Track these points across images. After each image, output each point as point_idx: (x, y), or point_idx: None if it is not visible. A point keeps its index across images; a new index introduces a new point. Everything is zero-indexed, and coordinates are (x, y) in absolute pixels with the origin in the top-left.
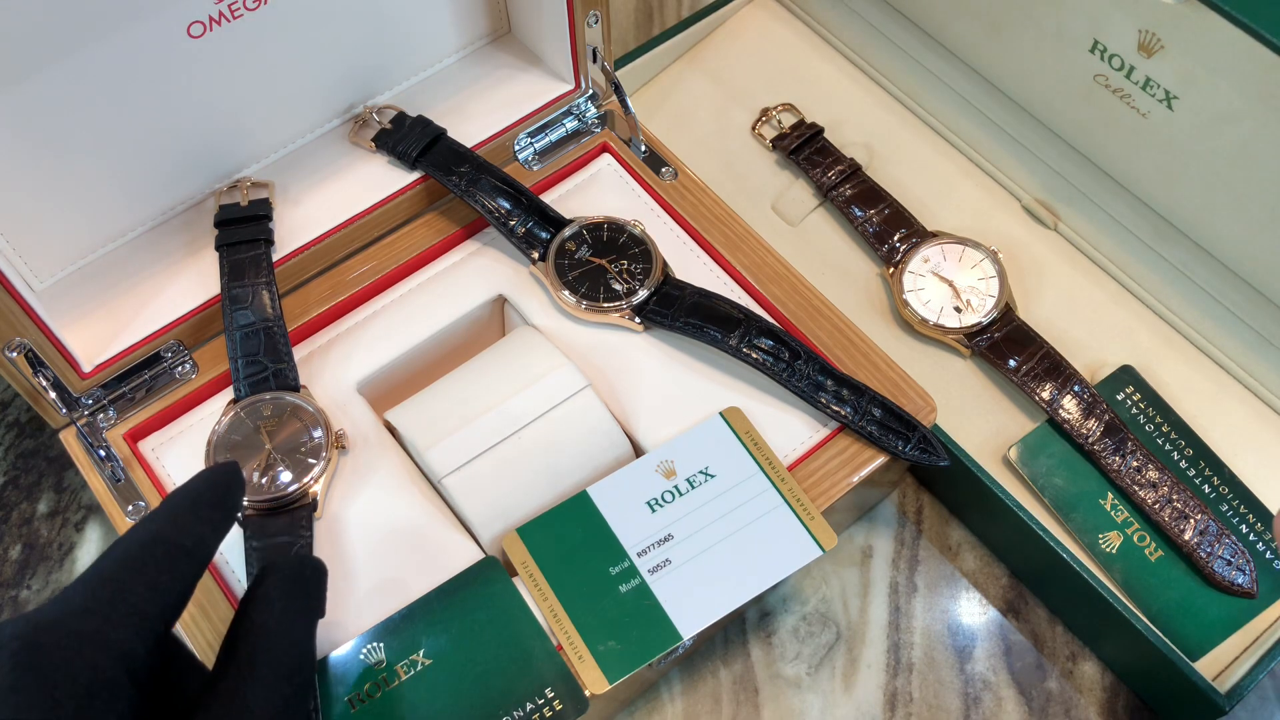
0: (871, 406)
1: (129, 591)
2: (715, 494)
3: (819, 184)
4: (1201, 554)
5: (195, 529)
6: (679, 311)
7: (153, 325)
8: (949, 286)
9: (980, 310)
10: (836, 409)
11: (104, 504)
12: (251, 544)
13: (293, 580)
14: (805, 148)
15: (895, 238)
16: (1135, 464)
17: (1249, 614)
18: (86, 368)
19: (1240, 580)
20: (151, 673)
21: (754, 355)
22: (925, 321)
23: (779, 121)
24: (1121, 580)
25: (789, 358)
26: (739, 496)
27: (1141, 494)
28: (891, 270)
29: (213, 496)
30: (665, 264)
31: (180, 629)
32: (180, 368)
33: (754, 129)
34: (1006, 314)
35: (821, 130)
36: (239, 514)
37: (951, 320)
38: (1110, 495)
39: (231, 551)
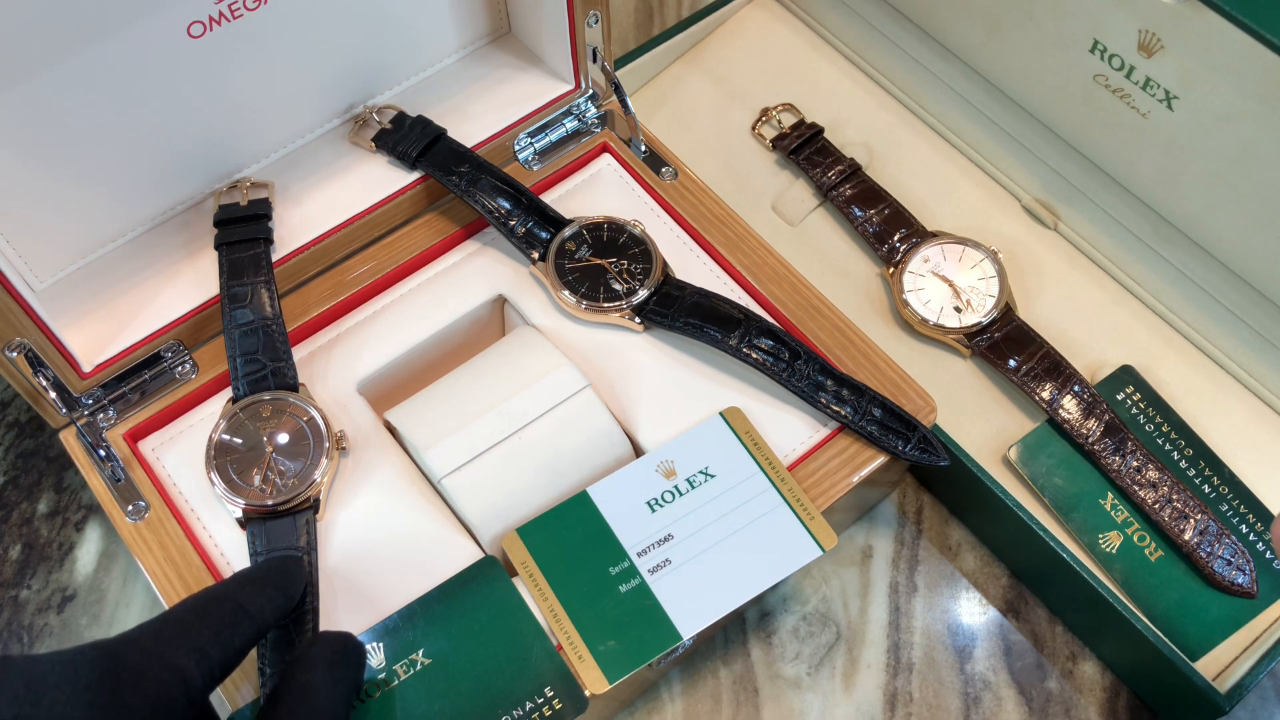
0: (871, 406)
1: (195, 632)
2: (715, 494)
3: (819, 184)
4: (1201, 554)
5: (259, 599)
6: (679, 311)
7: (152, 325)
8: (949, 286)
9: (980, 310)
10: (836, 409)
11: (104, 504)
12: (254, 546)
13: (337, 649)
14: (805, 148)
15: (895, 238)
16: (1135, 464)
17: (1249, 614)
18: (86, 368)
19: (1240, 580)
20: (202, 711)
21: (754, 355)
22: (925, 321)
23: (779, 121)
24: (1121, 580)
25: (789, 358)
26: (739, 496)
27: (1141, 494)
28: (891, 270)
29: (279, 580)
30: (665, 264)
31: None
32: (180, 368)
33: (754, 129)
34: (1006, 314)
35: (821, 130)
36: (294, 600)
37: (951, 320)
38: (1110, 495)
39: (234, 552)
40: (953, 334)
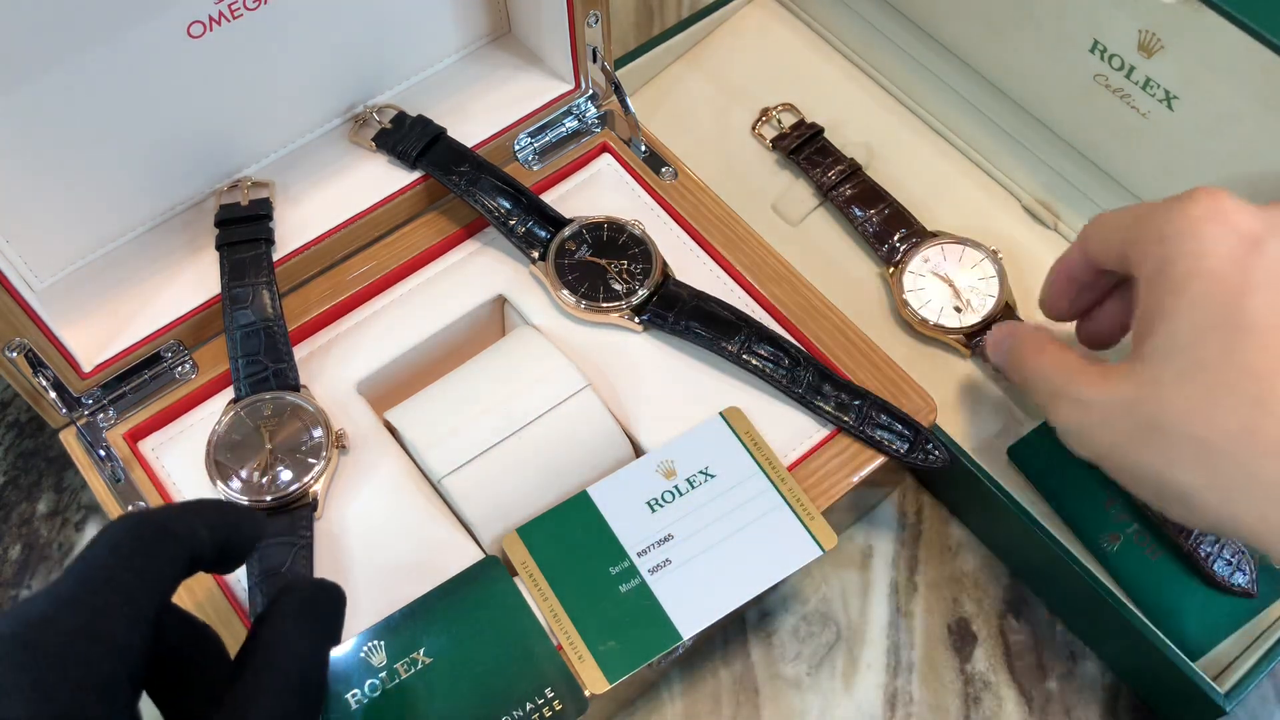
0: (872, 411)
1: (116, 578)
2: (715, 494)
3: (819, 184)
4: (1201, 554)
5: (187, 519)
6: (679, 314)
7: (153, 325)
8: (949, 286)
9: (980, 310)
10: (837, 414)
11: (104, 504)
12: None
13: (306, 601)
14: (805, 148)
15: (895, 238)
16: None
17: (1249, 614)
18: (86, 368)
19: (1240, 580)
20: (155, 661)
21: (754, 362)
22: (925, 321)
23: (779, 121)
24: (1121, 580)
25: (789, 364)
26: (739, 497)
27: None
28: (891, 270)
29: (214, 503)
30: (665, 264)
31: None
32: (180, 368)
33: (754, 129)
34: (1006, 314)
35: (821, 130)
36: (248, 546)
37: (951, 320)
38: (1110, 495)
39: None
40: (953, 334)
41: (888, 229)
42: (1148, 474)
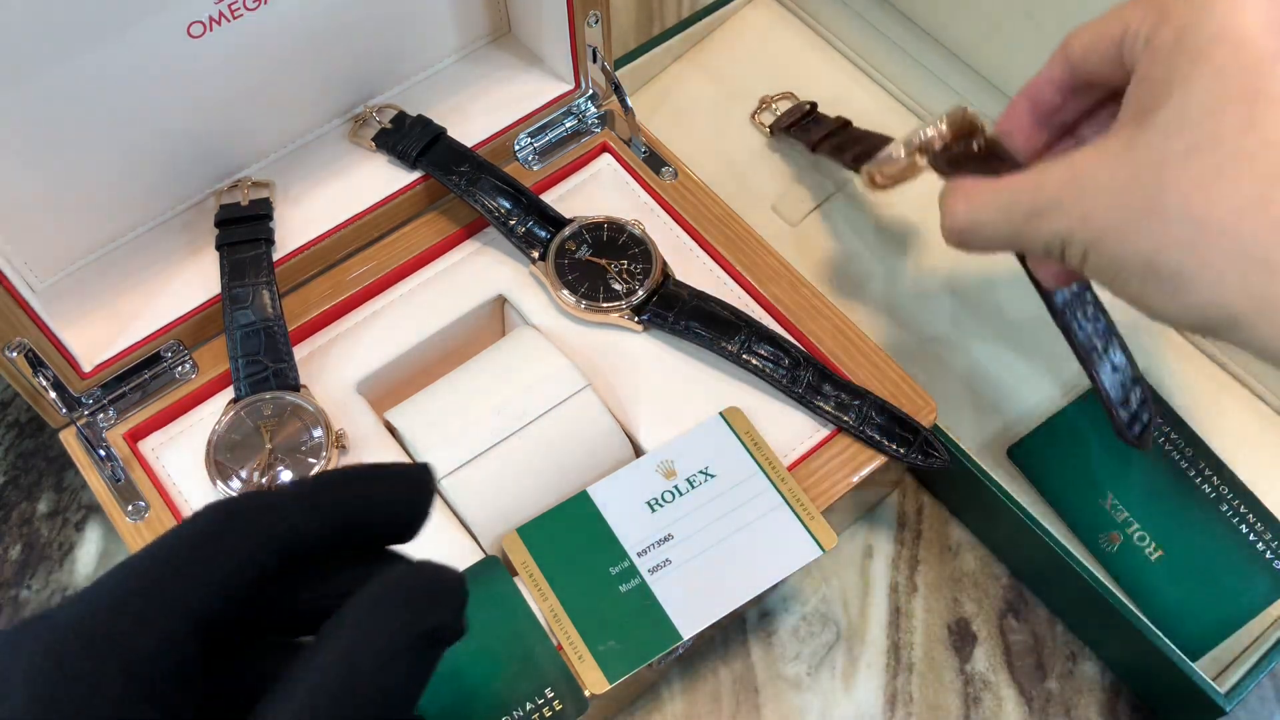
0: (872, 411)
1: (188, 573)
2: (715, 494)
3: (808, 143)
4: (1116, 412)
5: (269, 515)
6: (679, 314)
7: (153, 325)
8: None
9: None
10: (837, 415)
11: (104, 504)
12: None
13: (398, 591)
14: (800, 121)
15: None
16: None
17: (1249, 614)
18: (86, 368)
19: (1136, 430)
20: (202, 666)
21: (754, 362)
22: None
23: (776, 109)
24: (1121, 580)
25: (789, 364)
26: (739, 496)
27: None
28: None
29: (330, 480)
30: (665, 264)
31: None
32: (180, 368)
33: (754, 117)
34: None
35: (815, 105)
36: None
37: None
38: (1110, 495)
39: None
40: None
41: (866, 154)
42: (1135, 261)
